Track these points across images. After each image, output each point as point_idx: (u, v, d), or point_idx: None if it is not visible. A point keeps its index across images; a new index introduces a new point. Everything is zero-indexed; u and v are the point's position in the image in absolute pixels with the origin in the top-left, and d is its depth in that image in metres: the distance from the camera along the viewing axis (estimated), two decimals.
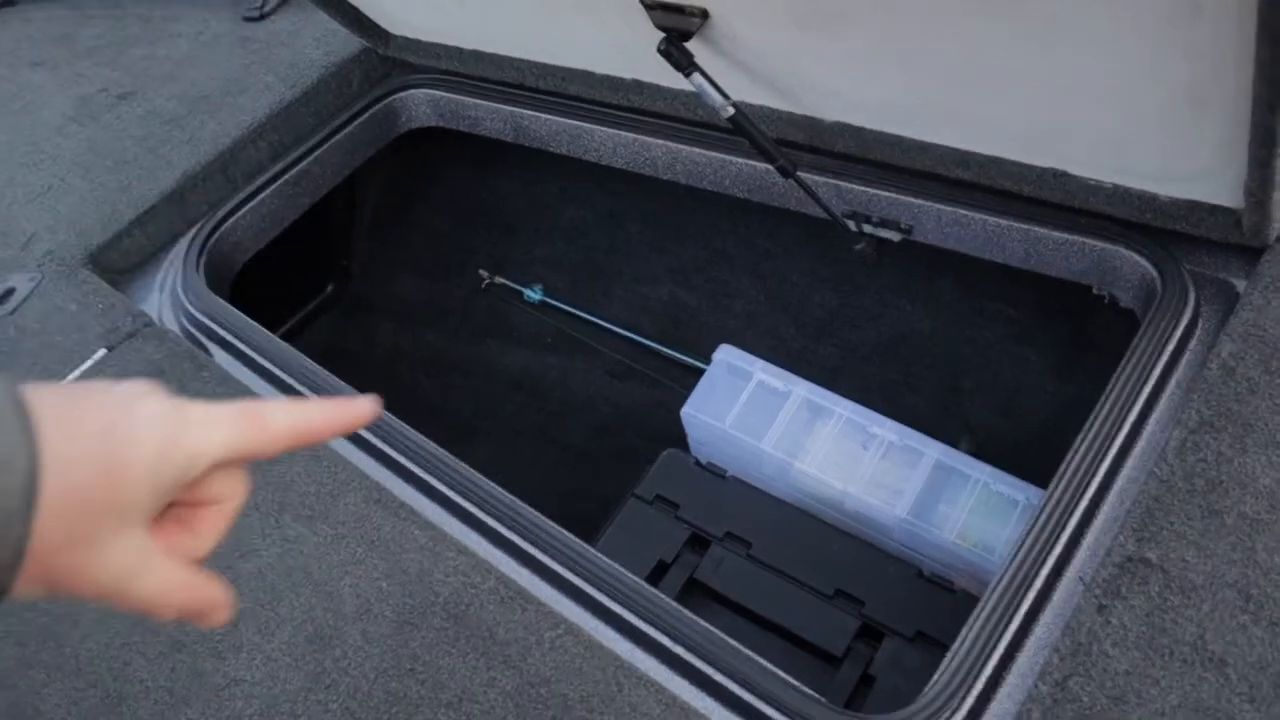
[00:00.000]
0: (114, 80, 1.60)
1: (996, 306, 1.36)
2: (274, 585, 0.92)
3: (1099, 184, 1.03)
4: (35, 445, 0.39)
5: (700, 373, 1.30)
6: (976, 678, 0.79)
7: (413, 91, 1.54)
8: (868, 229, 1.19)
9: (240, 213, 1.40)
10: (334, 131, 1.49)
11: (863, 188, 1.18)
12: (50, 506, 0.39)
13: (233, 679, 0.87)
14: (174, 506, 0.46)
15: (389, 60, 1.56)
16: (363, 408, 0.48)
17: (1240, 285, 1.01)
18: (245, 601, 0.91)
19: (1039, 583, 0.84)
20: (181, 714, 0.86)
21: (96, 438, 0.42)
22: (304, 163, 1.45)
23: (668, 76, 1.18)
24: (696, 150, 1.29)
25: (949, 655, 0.81)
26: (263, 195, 1.42)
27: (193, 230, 1.38)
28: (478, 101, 1.48)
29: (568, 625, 0.86)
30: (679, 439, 1.33)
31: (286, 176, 1.44)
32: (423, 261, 1.82)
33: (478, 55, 1.44)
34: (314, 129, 1.50)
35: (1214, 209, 0.98)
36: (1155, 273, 1.03)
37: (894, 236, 1.18)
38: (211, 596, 0.45)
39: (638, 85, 1.30)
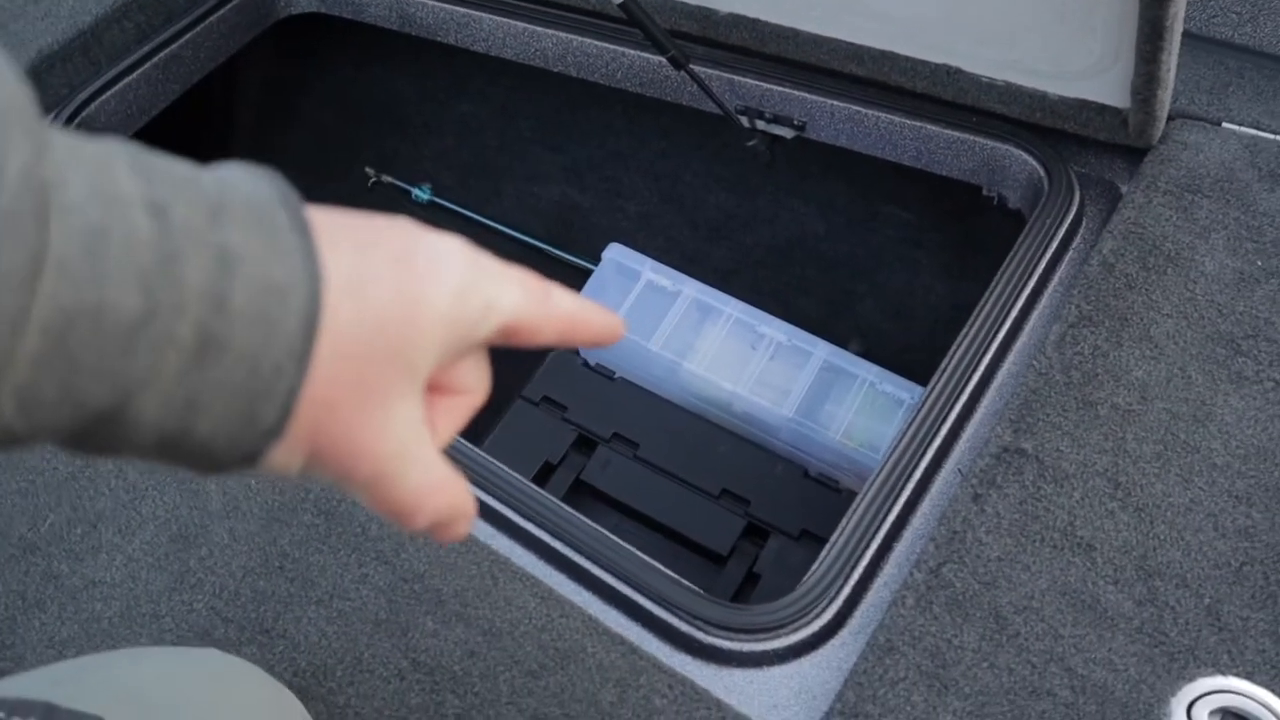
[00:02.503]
0: None
1: (889, 209, 1.36)
2: (135, 484, 0.88)
3: (991, 81, 1.02)
4: (318, 268, 0.32)
5: (590, 275, 1.27)
6: (854, 567, 0.80)
7: None
8: (761, 125, 1.17)
9: (103, 97, 1.30)
10: (207, 13, 1.40)
11: (757, 82, 1.15)
12: (333, 346, 0.32)
13: (90, 580, 0.83)
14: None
15: None
16: (620, 329, 0.42)
17: (1125, 188, 1.01)
18: (104, 501, 0.87)
19: (918, 474, 0.84)
20: (35, 618, 0.82)
21: (391, 264, 0.34)
22: (173, 45, 1.36)
23: None
24: (588, 40, 1.24)
25: (828, 546, 0.81)
26: (128, 79, 1.33)
27: (51, 114, 1.28)
28: None
29: None
30: None
31: (154, 59, 1.35)
32: (307, 158, 1.74)
33: None
34: (185, 10, 1.40)
35: (1102, 108, 0.98)
36: (1043, 172, 1.03)
37: (787, 133, 1.16)
38: (467, 499, 0.38)
39: None
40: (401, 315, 0.34)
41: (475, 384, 0.40)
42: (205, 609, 0.80)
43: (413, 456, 0.36)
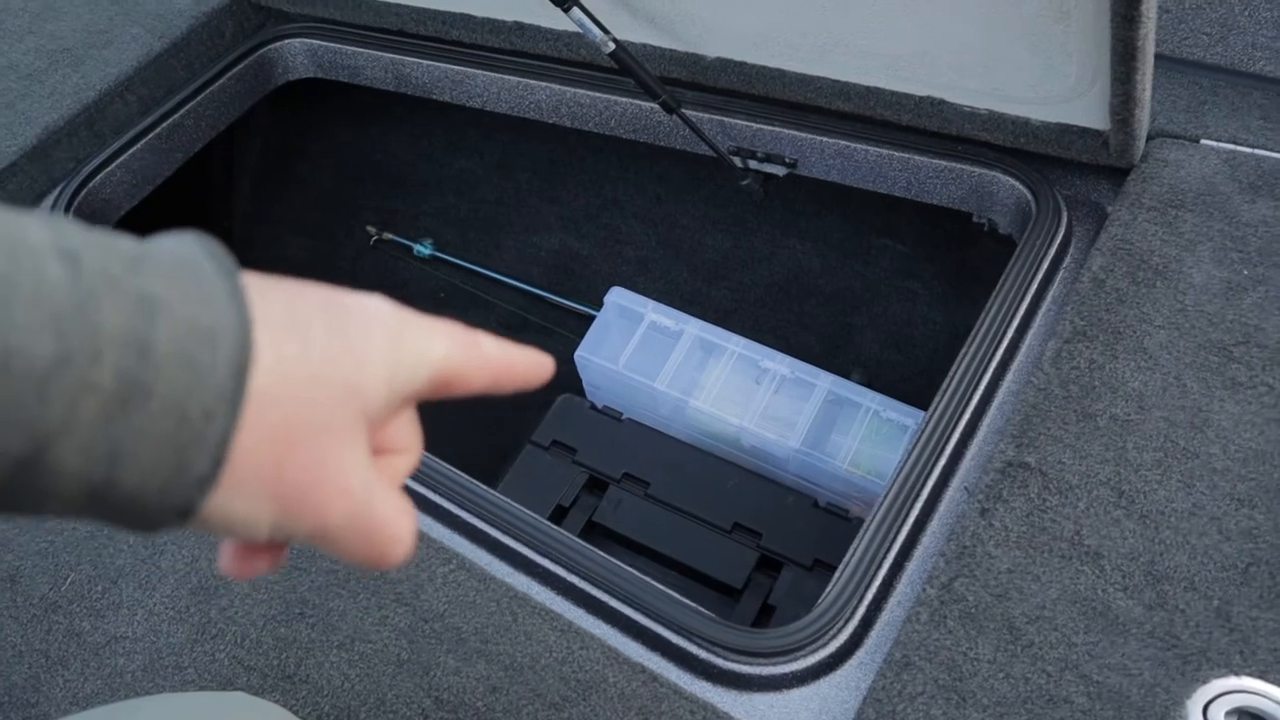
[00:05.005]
0: None
1: (883, 242, 1.38)
2: (154, 539, 0.89)
3: (974, 110, 1.05)
4: (247, 310, 0.31)
5: (593, 320, 1.29)
6: (867, 587, 0.81)
7: (289, 41, 1.49)
8: (753, 164, 1.20)
9: (109, 168, 1.34)
10: (207, 83, 1.43)
11: (747, 123, 1.18)
12: (283, 385, 0.32)
13: (113, 636, 0.84)
14: None
15: (263, 10, 1.50)
16: (549, 367, 0.42)
17: (1110, 207, 1.04)
18: (124, 558, 0.88)
19: (925, 493, 0.85)
20: (59, 676, 0.83)
21: (323, 311, 0.34)
22: (175, 115, 1.40)
23: (549, 16, 1.16)
24: (581, 91, 1.28)
25: (840, 568, 0.82)
26: (133, 150, 1.36)
27: (58, 188, 1.32)
28: (356, 49, 1.44)
29: (460, 560, 0.85)
30: (574, 386, 1.32)
31: (157, 130, 1.39)
32: (308, 220, 1.77)
33: (355, 1, 1.40)
34: (186, 81, 1.44)
35: (1083, 131, 1.01)
36: (1030, 196, 1.05)
37: (779, 171, 1.19)
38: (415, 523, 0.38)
39: (519, 27, 1.28)
40: (348, 354, 0.34)
41: (409, 441, 0.39)
42: (228, 658, 0.81)
43: (379, 488, 0.35)
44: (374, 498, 0.35)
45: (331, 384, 0.33)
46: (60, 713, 0.81)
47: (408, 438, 0.39)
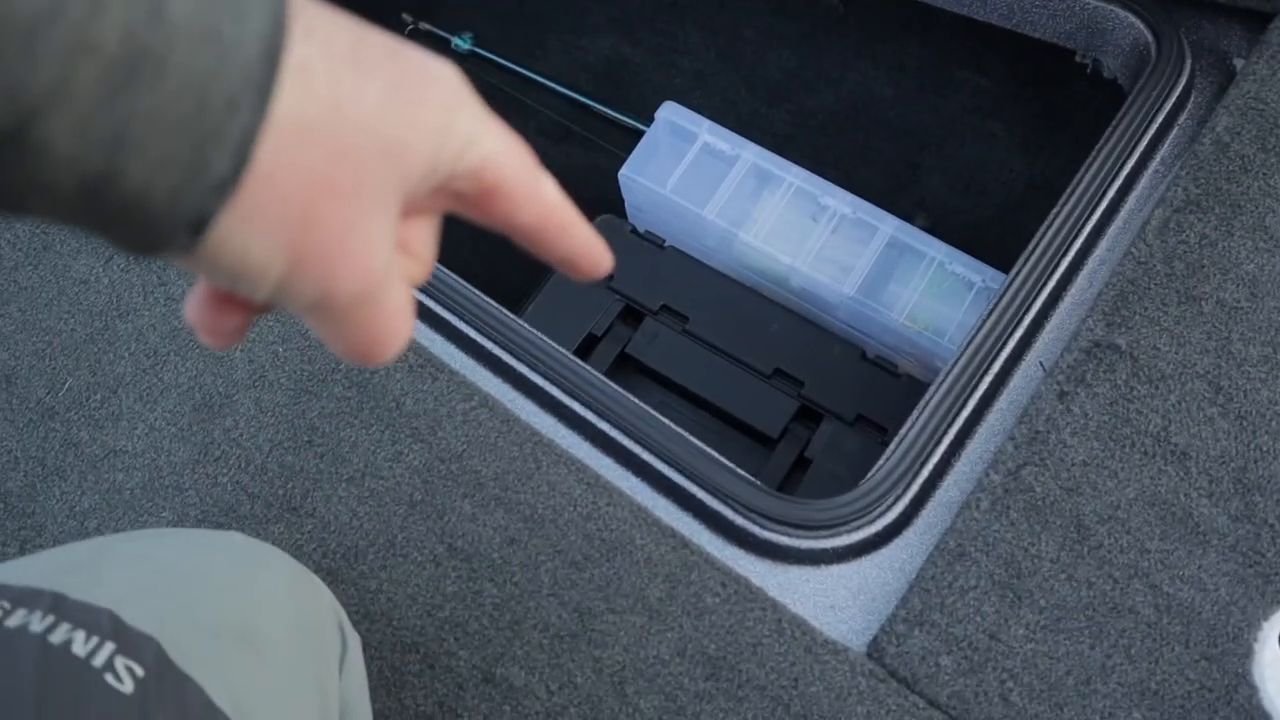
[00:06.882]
0: None
1: (965, 74, 1.25)
2: (156, 348, 0.83)
3: None
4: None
5: (641, 135, 1.18)
6: (924, 464, 0.74)
7: None
8: None
9: None
10: None
11: None
12: (332, 109, 0.27)
13: (111, 449, 0.79)
14: None
15: None
16: (605, 262, 0.36)
17: (1239, 64, 0.91)
18: (124, 365, 0.82)
19: (997, 366, 0.77)
20: (55, 486, 0.78)
21: (388, 55, 0.29)
22: None
23: None
24: None
25: (896, 439, 0.76)
26: None
27: None
28: None
29: (483, 397, 0.78)
30: (616, 206, 1.23)
31: None
32: (338, 1, 1.64)
33: None
34: None
35: None
36: (1150, 37, 0.93)
37: None
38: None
39: None
40: (404, 111, 0.29)
41: (424, 249, 0.34)
42: (230, 483, 0.76)
43: (394, 276, 0.31)
44: (390, 282, 0.30)
45: (382, 138, 0.28)
46: (57, 525, 0.77)
47: (424, 244, 0.34)
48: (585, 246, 0.35)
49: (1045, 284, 0.80)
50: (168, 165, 0.25)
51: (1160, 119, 0.87)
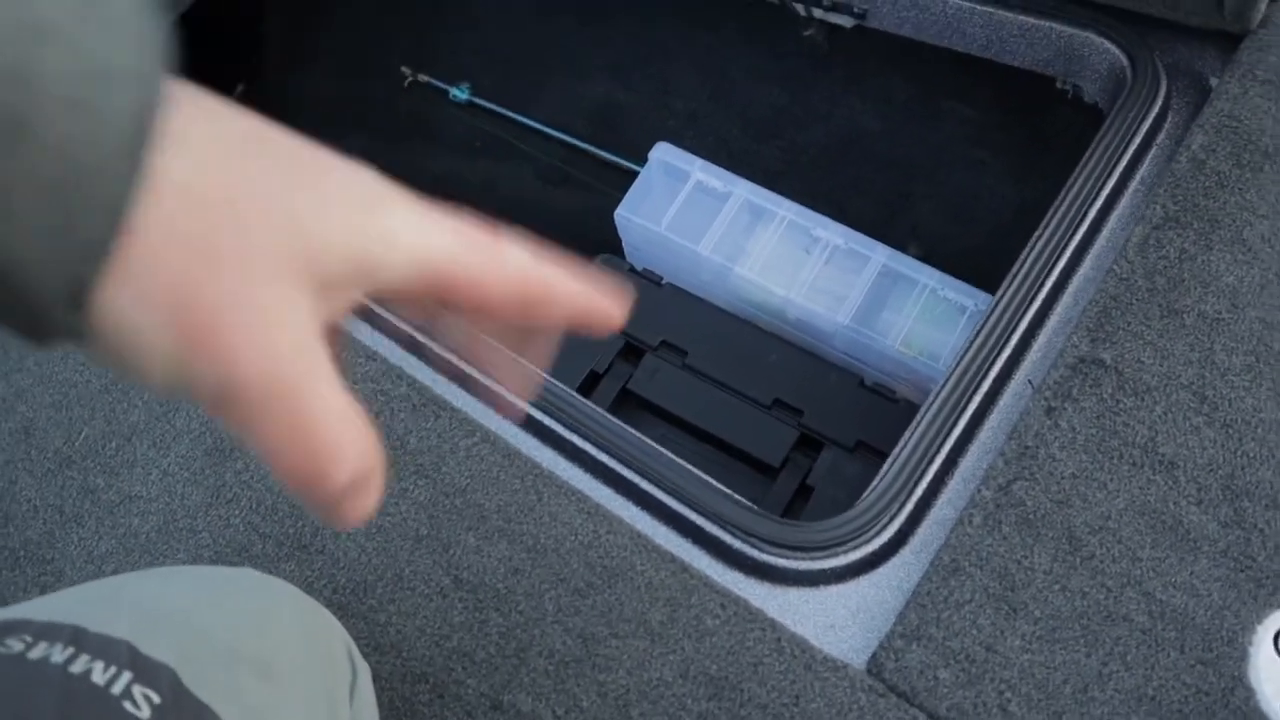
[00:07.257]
0: None
1: (951, 104, 1.28)
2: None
3: None
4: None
5: (636, 176, 1.21)
6: (917, 483, 0.76)
7: None
8: (818, 13, 1.10)
9: None
10: None
11: None
12: (206, 173, 0.26)
13: (127, 495, 0.81)
14: None
15: None
16: (617, 315, 0.34)
17: (1213, 82, 0.93)
18: (137, 414, 0.84)
19: (986, 386, 0.79)
20: (73, 533, 0.80)
21: (294, 150, 0.28)
22: None
23: None
24: None
25: (889, 460, 0.77)
26: None
27: None
28: None
29: (484, 433, 0.80)
30: (614, 246, 1.26)
31: None
32: (340, 57, 1.68)
33: None
34: None
35: None
36: (1125, 61, 0.95)
37: (846, 22, 1.09)
38: (375, 451, 0.30)
39: None
40: (308, 196, 0.27)
41: None
42: (242, 524, 0.78)
43: (320, 366, 0.27)
44: (310, 376, 0.27)
45: (276, 215, 0.27)
46: (75, 569, 0.79)
47: None
48: (583, 303, 0.33)
49: (1031, 304, 0.82)
50: (41, 232, 0.24)
51: (1138, 140, 0.89)
